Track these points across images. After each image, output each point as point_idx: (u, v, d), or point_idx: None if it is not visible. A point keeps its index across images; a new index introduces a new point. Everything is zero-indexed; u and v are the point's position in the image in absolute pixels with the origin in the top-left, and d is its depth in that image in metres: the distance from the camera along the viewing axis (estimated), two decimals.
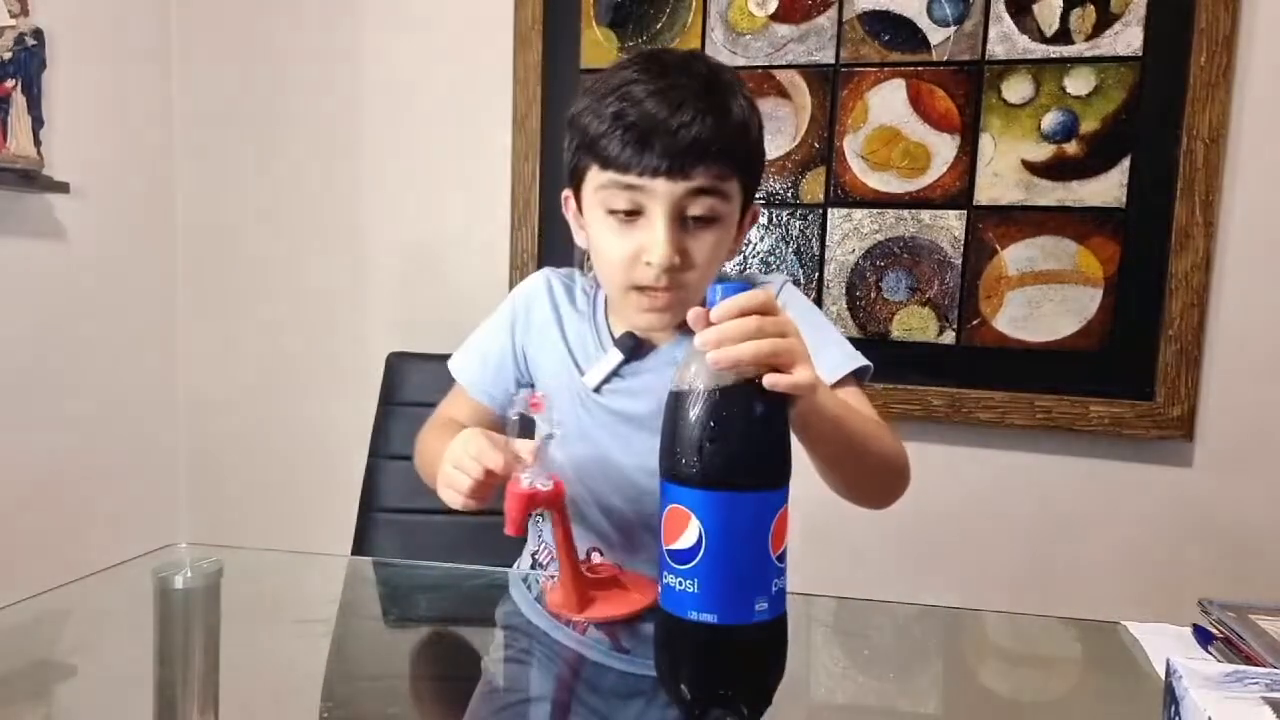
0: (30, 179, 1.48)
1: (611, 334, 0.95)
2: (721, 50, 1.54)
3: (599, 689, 0.75)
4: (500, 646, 0.83)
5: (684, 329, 0.85)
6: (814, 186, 1.52)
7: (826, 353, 0.89)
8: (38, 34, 1.49)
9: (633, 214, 0.83)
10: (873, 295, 1.51)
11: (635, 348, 0.92)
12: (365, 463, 1.32)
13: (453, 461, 0.79)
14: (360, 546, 1.31)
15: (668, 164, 0.80)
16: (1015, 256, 1.45)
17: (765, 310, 0.62)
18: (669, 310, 0.87)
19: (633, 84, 0.82)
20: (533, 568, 1.01)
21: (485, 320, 1.03)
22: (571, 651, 0.79)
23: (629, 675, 0.74)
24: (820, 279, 1.53)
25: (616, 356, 0.92)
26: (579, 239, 0.93)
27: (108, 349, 1.72)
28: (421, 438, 1.02)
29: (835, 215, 1.52)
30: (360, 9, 1.73)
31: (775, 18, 1.52)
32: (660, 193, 0.81)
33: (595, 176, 0.85)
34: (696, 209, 0.83)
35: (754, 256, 1.55)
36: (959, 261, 1.47)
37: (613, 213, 0.84)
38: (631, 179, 0.82)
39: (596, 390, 0.93)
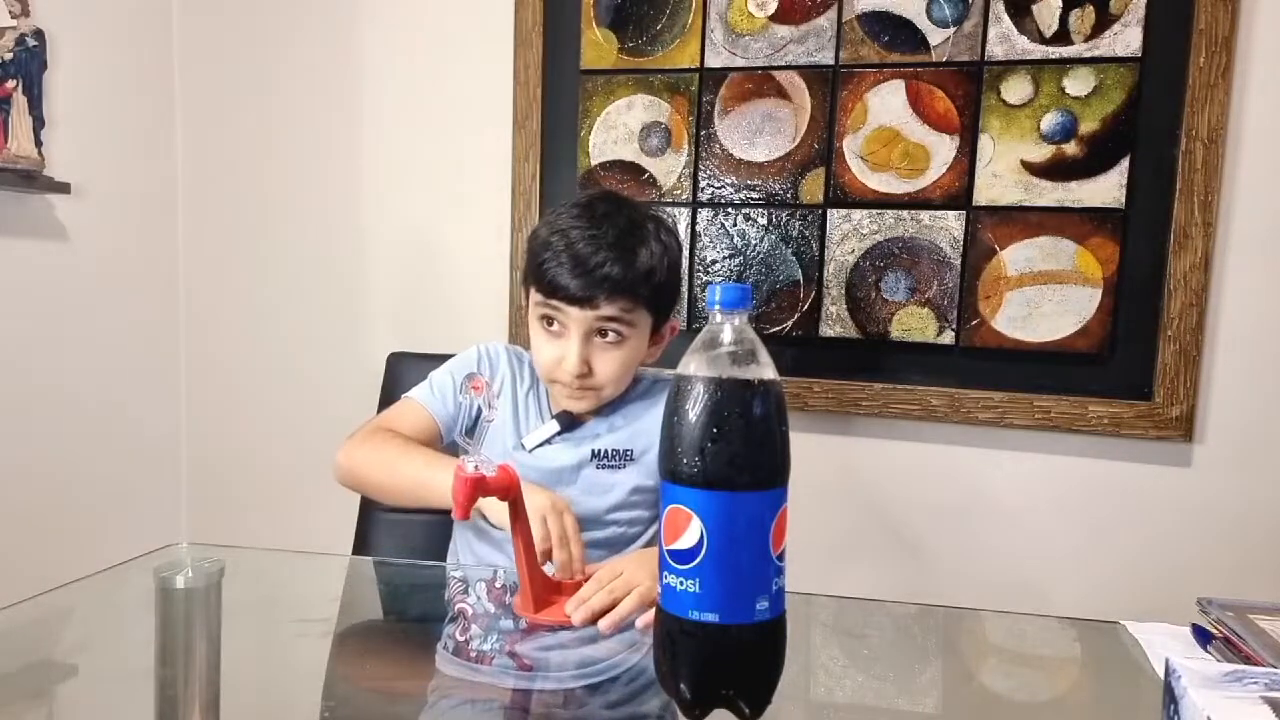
0: (31, 179, 1.48)
1: (551, 407, 1.15)
2: (721, 51, 1.54)
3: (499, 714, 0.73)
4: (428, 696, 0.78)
5: (605, 408, 1.13)
6: (813, 187, 1.52)
7: None
8: (38, 34, 1.49)
9: (555, 328, 1.06)
10: (872, 295, 1.51)
11: (570, 422, 1.13)
12: None
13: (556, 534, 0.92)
14: (360, 546, 1.31)
15: (580, 296, 1.02)
16: (1014, 257, 1.45)
17: (613, 579, 0.86)
18: (582, 401, 1.10)
19: (569, 229, 1.05)
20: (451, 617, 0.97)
21: (447, 363, 1.19)
22: (482, 687, 0.76)
23: (530, 693, 0.75)
24: (820, 279, 1.53)
25: (554, 427, 1.12)
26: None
27: (109, 349, 1.72)
28: (366, 440, 1.09)
29: (835, 216, 1.52)
30: (361, 10, 1.73)
31: (775, 18, 1.52)
32: (575, 317, 1.04)
33: (534, 294, 1.08)
34: (604, 332, 1.05)
35: (754, 258, 1.55)
36: (958, 262, 1.47)
37: (540, 323, 1.08)
38: (555, 303, 1.04)
39: (531, 450, 1.12)
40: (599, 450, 1.12)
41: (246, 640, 0.77)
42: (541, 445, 1.12)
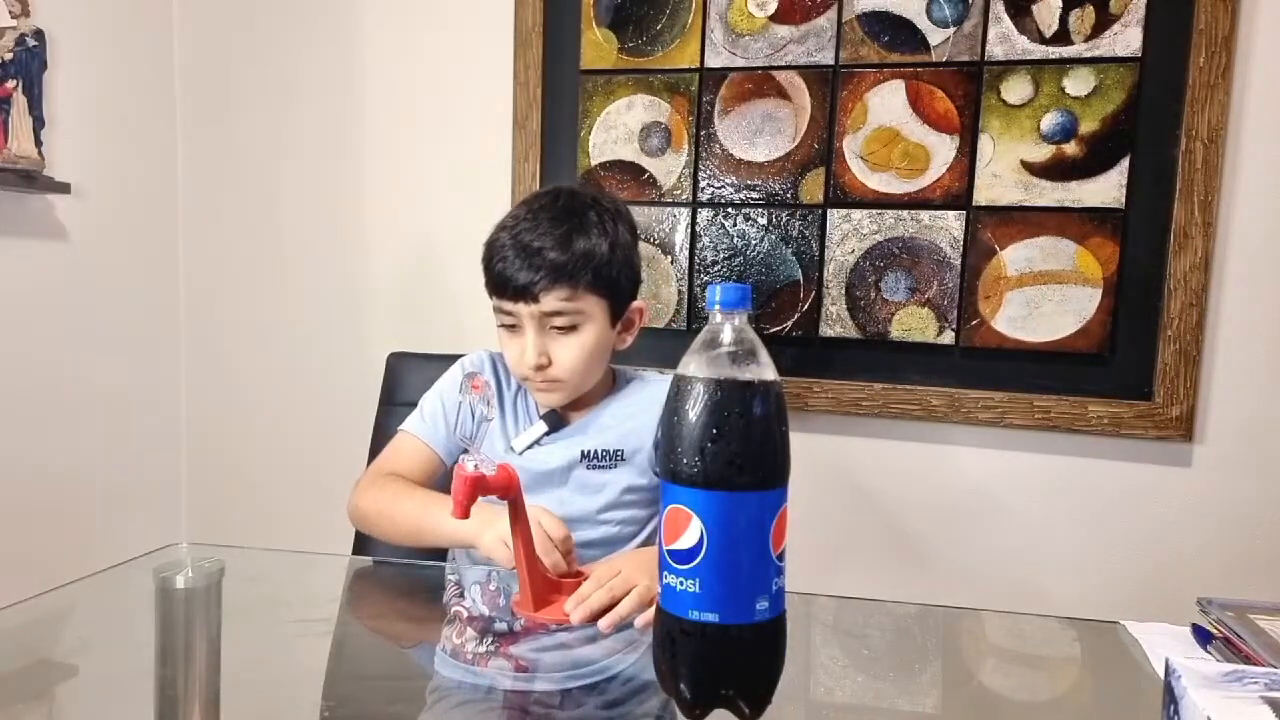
0: (31, 179, 1.48)
1: (538, 409, 1.16)
2: (721, 51, 1.54)
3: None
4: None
5: (591, 405, 1.15)
6: (813, 187, 1.52)
7: None
8: (39, 34, 1.49)
9: (514, 326, 1.08)
10: (872, 295, 1.51)
11: (557, 422, 1.14)
12: (365, 462, 1.32)
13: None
14: (360, 546, 1.31)
15: (521, 292, 1.05)
16: (1014, 257, 1.45)
17: (612, 577, 0.86)
18: (553, 393, 1.11)
19: (511, 226, 1.08)
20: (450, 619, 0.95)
21: (435, 386, 1.20)
22: (480, 688, 0.76)
23: (529, 694, 0.74)
24: (820, 279, 1.53)
25: (542, 428, 1.13)
26: None
27: (109, 349, 1.72)
28: (368, 489, 1.11)
29: (835, 216, 1.52)
30: (362, 10, 1.73)
31: (775, 19, 1.52)
32: (523, 313, 1.06)
33: (490, 297, 1.10)
34: (557, 321, 1.06)
35: (754, 258, 1.55)
36: (958, 262, 1.47)
37: (501, 324, 1.10)
38: (502, 304, 1.08)
39: (520, 453, 1.13)
40: (588, 451, 1.12)
41: (246, 640, 0.77)
42: (531, 447, 1.13)
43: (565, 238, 1.05)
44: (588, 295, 1.07)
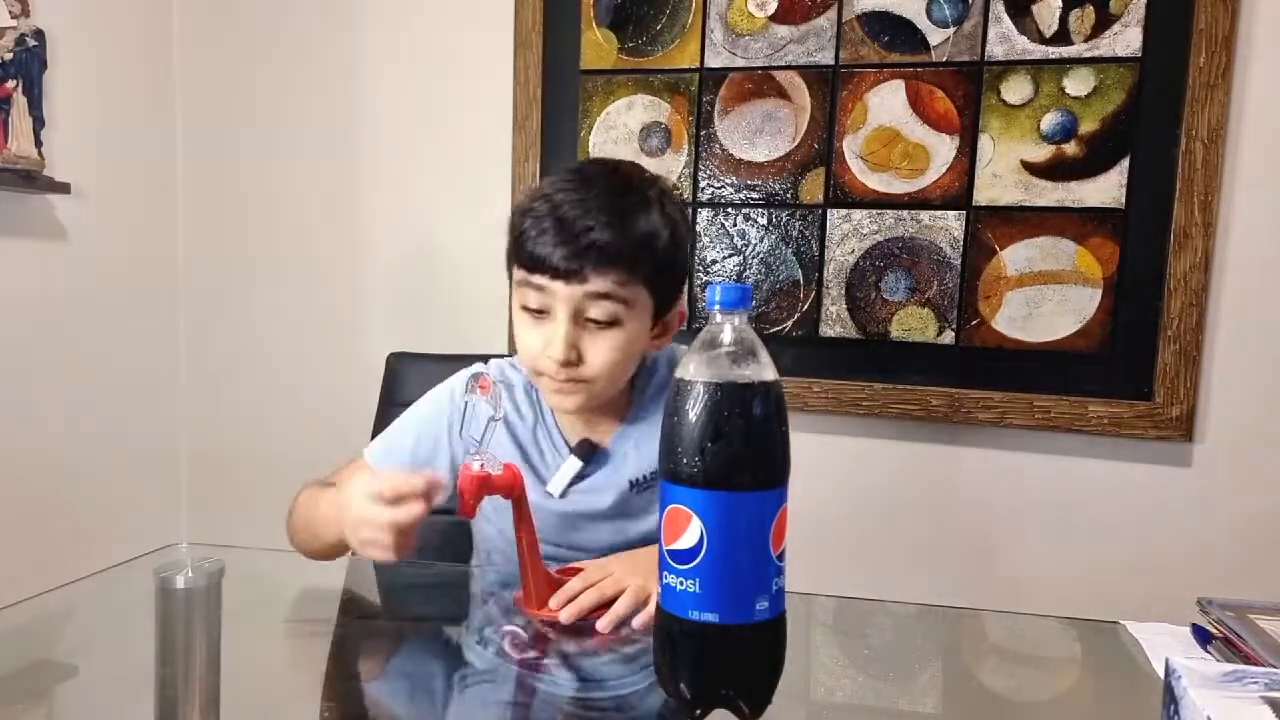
0: (31, 179, 1.48)
1: (565, 440, 1.00)
2: (721, 51, 1.54)
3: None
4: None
5: (619, 418, 0.99)
6: (813, 187, 1.52)
7: None
8: (39, 34, 1.49)
9: (542, 311, 0.90)
10: (872, 296, 1.51)
11: (588, 452, 0.98)
12: None
13: (365, 518, 0.80)
14: None
15: (565, 268, 0.87)
16: (1014, 257, 1.45)
17: (602, 578, 0.83)
18: (572, 396, 0.93)
19: (554, 193, 0.89)
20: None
21: (409, 411, 1.04)
22: (482, 688, 0.75)
23: (531, 694, 0.74)
24: (820, 279, 1.53)
25: (576, 464, 0.97)
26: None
27: (109, 349, 1.72)
28: (298, 499, 1.02)
29: (835, 216, 1.52)
30: (362, 10, 1.73)
31: (775, 19, 1.52)
32: (560, 295, 0.88)
33: (516, 273, 0.92)
34: (595, 312, 0.89)
35: (754, 258, 1.55)
36: (958, 262, 1.47)
37: (525, 308, 0.91)
38: (537, 279, 0.89)
39: (561, 495, 0.98)
40: (636, 479, 0.99)
41: (246, 640, 0.77)
42: (570, 486, 0.98)
43: (625, 215, 0.88)
44: (638, 286, 0.90)
